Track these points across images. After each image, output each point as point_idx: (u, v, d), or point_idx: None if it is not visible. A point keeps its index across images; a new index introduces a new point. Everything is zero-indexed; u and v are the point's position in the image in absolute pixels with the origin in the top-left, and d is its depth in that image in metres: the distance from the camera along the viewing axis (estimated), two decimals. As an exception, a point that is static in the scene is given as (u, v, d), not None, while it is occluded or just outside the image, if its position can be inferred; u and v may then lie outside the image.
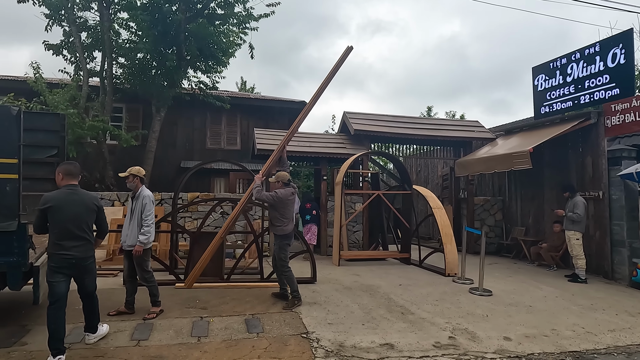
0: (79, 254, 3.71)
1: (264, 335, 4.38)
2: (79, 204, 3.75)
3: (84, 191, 3.90)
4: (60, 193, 3.73)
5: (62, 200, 3.68)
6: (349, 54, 6.53)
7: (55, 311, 3.59)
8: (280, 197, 5.46)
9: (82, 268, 3.78)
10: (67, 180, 3.81)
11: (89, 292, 3.95)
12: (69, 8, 11.18)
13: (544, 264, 8.77)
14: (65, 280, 3.70)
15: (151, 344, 4.08)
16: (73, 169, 3.89)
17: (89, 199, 3.87)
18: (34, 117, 5.75)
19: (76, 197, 3.78)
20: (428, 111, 24.70)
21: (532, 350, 4.13)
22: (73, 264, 3.69)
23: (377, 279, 7.24)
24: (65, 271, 3.69)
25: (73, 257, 3.67)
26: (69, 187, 3.79)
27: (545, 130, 9.02)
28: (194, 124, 14.55)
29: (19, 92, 10.95)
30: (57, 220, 3.65)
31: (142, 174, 5.12)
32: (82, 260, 3.75)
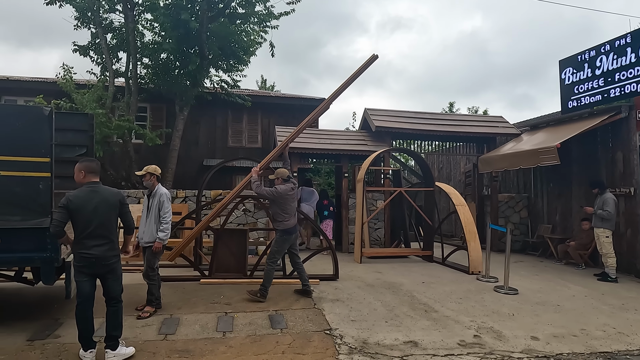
0: (99, 252, 3.58)
1: (287, 331, 4.42)
2: (100, 201, 3.62)
3: (105, 187, 3.79)
4: (81, 191, 3.64)
5: (83, 198, 3.59)
6: (373, 62, 6.47)
7: (81, 313, 3.57)
8: (280, 193, 5.55)
9: (103, 267, 3.63)
10: (89, 178, 3.70)
11: (111, 296, 3.73)
12: (95, 10, 11.46)
13: (571, 263, 8.55)
14: (87, 280, 3.61)
15: (178, 338, 4.17)
16: (95, 165, 3.79)
17: (111, 196, 3.74)
18: (64, 117, 5.96)
19: (97, 194, 3.66)
20: (450, 107, 24.35)
21: (560, 350, 4.04)
22: (93, 263, 3.58)
23: (400, 276, 7.20)
24: (86, 270, 3.60)
25: (93, 256, 3.56)
26: (89, 185, 3.68)
27: (573, 125, 8.77)
28: (216, 123, 14.73)
29: (49, 93, 11.30)
30: (79, 219, 3.55)
31: (158, 172, 5.16)
32: (102, 259, 3.60)
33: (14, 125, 4.07)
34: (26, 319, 4.55)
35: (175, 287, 5.99)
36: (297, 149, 9.79)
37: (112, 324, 3.70)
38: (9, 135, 4.03)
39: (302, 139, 10.09)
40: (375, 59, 6.47)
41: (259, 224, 9.33)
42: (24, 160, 4.02)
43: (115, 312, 3.72)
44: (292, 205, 5.68)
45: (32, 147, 4.09)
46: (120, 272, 3.81)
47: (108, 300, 3.73)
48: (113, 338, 3.66)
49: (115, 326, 3.70)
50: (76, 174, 3.72)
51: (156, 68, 12.36)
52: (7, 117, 4.11)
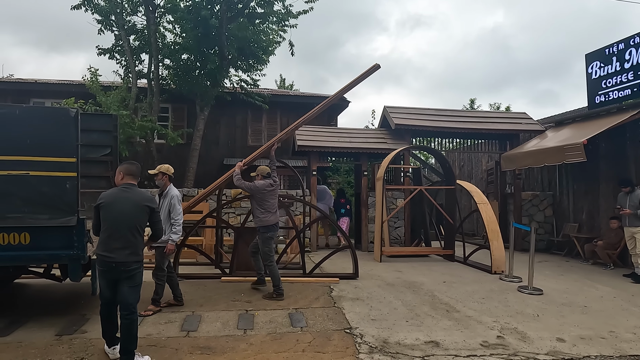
0: (120, 257, 3.39)
1: (307, 329, 4.43)
2: (128, 203, 3.50)
3: (138, 190, 3.67)
4: (113, 190, 3.61)
5: (112, 198, 3.52)
6: (375, 71, 6.60)
7: (105, 314, 3.55)
8: (257, 187, 5.70)
9: (123, 273, 3.42)
10: (126, 180, 3.64)
11: (125, 303, 3.44)
12: (118, 13, 11.72)
13: (599, 263, 8.29)
14: (108, 284, 3.48)
15: (200, 335, 4.23)
16: (134, 168, 3.71)
17: (141, 199, 3.58)
18: (89, 118, 6.13)
19: (128, 195, 3.55)
20: (471, 104, 23.94)
21: (588, 352, 3.92)
22: (113, 268, 3.40)
23: (420, 275, 7.13)
24: (107, 275, 3.46)
25: (113, 260, 3.38)
26: (124, 186, 3.61)
27: (600, 120, 8.50)
28: (236, 122, 14.87)
29: (75, 95, 11.59)
30: (105, 219, 3.47)
31: (171, 172, 5.16)
32: (122, 265, 3.40)
33: (41, 127, 4.19)
34: (55, 315, 4.69)
35: (197, 285, 6.08)
36: (315, 148, 9.80)
37: (126, 337, 3.43)
38: (37, 136, 4.15)
39: (320, 138, 10.10)
40: (377, 68, 6.61)
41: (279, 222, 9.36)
42: (51, 161, 4.13)
43: (129, 325, 3.43)
44: (270, 202, 5.76)
45: (59, 147, 4.20)
46: (139, 280, 3.57)
47: (121, 308, 3.46)
48: (128, 352, 3.42)
49: (130, 340, 3.45)
50: (116, 175, 3.72)
51: (177, 69, 12.56)
52: (35, 119, 4.24)
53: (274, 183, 5.86)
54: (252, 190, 5.72)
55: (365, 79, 6.61)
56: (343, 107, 16.17)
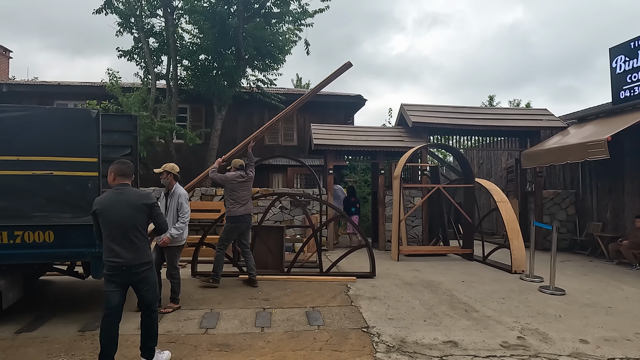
0: (128, 260, 3.28)
1: (324, 328, 4.43)
2: (124, 205, 3.34)
3: (132, 190, 3.49)
4: (107, 194, 3.44)
5: (107, 202, 3.36)
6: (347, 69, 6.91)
7: (107, 325, 3.28)
8: (227, 178, 5.94)
9: (134, 276, 3.35)
10: (118, 180, 3.46)
11: (145, 304, 3.47)
12: (138, 16, 11.94)
13: (624, 263, 8.06)
14: (118, 290, 3.32)
15: (218, 332, 4.28)
16: (125, 168, 3.51)
17: (137, 198, 3.41)
18: (109, 119, 6.24)
19: (122, 197, 3.37)
20: (490, 101, 23.54)
21: (612, 354, 3.81)
22: (123, 271, 3.29)
23: (438, 274, 7.05)
24: (116, 279, 3.31)
25: (122, 264, 3.27)
26: (116, 188, 3.43)
27: (625, 116, 8.25)
28: (253, 121, 14.96)
29: (96, 97, 11.89)
30: (105, 225, 3.32)
31: (176, 170, 5.17)
32: (133, 267, 3.31)
33: (64, 128, 4.30)
34: (78, 311, 4.81)
35: (215, 283, 6.14)
36: (332, 147, 9.79)
37: (147, 334, 3.47)
38: (60, 137, 4.27)
39: (337, 137, 10.09)
40: (349, 66, 6.93)
41: (296, 221, 9.41)
42: (74, 161, 4.25)
43: (150, 323, 3.47)
44: (241, 193, 5.94)
45: (81, 148, 4.31)
46: (154, 280, 3.54)
47: (142, 308, 3.50)
48: (149, 349, 3.45)
49: (151, 337, 3.47)
50: (108, 176, 3.54)
51: (195, 69, 12.74)
52: (58, 120, 4.36)
53: (245, 175, 6.06)
54: (223, 181, 6.00)
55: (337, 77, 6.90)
56: (360, 106, 16.12)
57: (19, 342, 3.96)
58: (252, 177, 6.20)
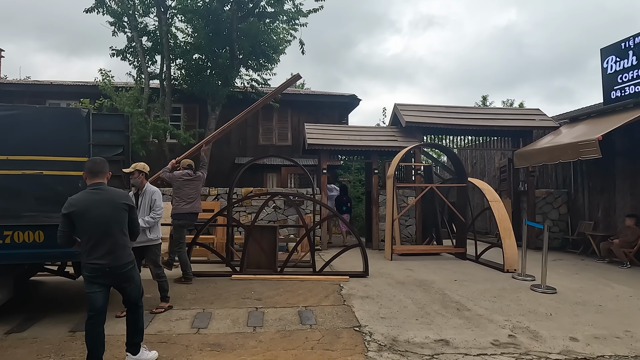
0: (112, 261, 3.22)
1: (317, 327, 4.43)
2: (104, 204, 3.24)
3: (110, 189, 3.38)
4: (83, 194, 3.29)
5: (85, 202, 3.22)
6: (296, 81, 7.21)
7: (92, 327, 3.21)
8: (174, 176, 6.16)
9: (119, 276, 3.30)
10: (92, 180, 3.34)
11: (131, 301, 3.48)
12: (131, 15, 11.87)
13: (615, 261, 8.13)
14: (101, 291, 3.24)
15: (210, 332, 4.27)
16: (96, 166, 3.38)
17: (117, 197, 3.33)
18: (101, 118, 6.20)
19: (100, 196, 3.26)
20: (483, 100, 23.64)
21: (602, 352, 3.84)
22: (107, 272, 3.22)
23: (431, 273, 7.08)
24: (100, 281, 3.23)
25: (106, 266, 3.20)
26: (92, 187, 3.31)
27: (616, 116, 8.33)
28: (247, 121, 14.86)
29: (89, 96, 11.84)
30: (84, 226, 3.19)
31: (147, 169, 5.16)
32: (117, 268, 3.25)
33: (54, 127, 4.28)
34: (69, 311, 4.78)
35: (208, 283, 6.14)
36: (325, 146, 9.80)
37: (134, 330, 3.48)
38: (50, 136, 4.25)
39: (330, 136, 10.09)
40: (298, 78, 7.23)
41: (290, 220, 9.41)
42: (64, 160, 4.22)
43: (136, 319, 3.49)
44: (186, 191, 6.12)
45: (72, 147, 4.29)
46: (138, 278, 3.52)
47: (128, 306, 3.50)
48: (134, 344, 3.46)
49: (137, 332, 3.49)
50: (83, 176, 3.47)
51: (189, 69, 12.69)
52: (48, 119, 4.34)
53: (192, 174, 6.24)
54: (170, 179, 6.20)
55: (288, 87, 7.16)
56: (354, 106, 16.14)
57: (8, 343, 3.93)
58: (201, 177, 6.39)
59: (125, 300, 3.51)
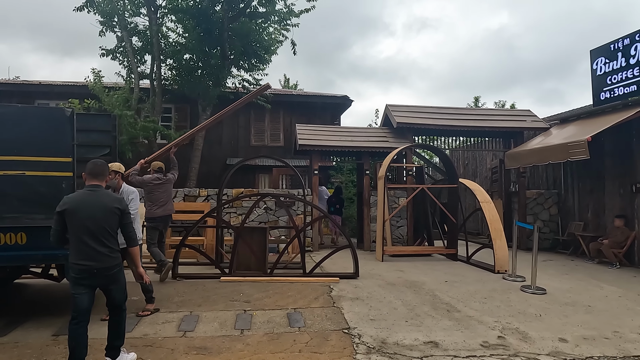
0: (100, 263, 3.22)
1: (305, 329, 4.38)
2: (96, 206, 3.26)
3: (105, 192, 3.45)
4: (78, 194, 3.36)
5: (78, 202, 3.26)
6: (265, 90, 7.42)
7: (76, 327, 3.20)
8: (144, 181, 6.13)
9: (105, 278, 3.30)
10: (90, 181, 3.40)
11: (115, 305, 3.44)
12: (121, 14, 11.76)
13: (605, 262, 8.16)
14: (87, 293, 3.24)
15: (196, 335, 4.20)
16: (97, 168, 3.44)
17: (110, 201, 3.36)
18: (87, 118, 6.12)
19: (94, 198, 3.30)
20: (475, 102, 23.76)
21: (591, 353, 3.84)
22: (94, 274, 3.23)
23: (422, 275, 7.06)
24: (85, 282, 3.23)
25: (93, 267, 3.20)
26: (88, 188, 3.36)
27: (605, 117, 8.38)
28: (239, 122, 14.87)
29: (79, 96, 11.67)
30: (73, 225, 3.22)
31: (123, 170, 5.10)
32: (104, 270, 3.26)
33: (37, 127, 4.19)
34: (52, 315, 4.68)
35: (196, 285, 6.06)
36: (317, 147, 9.75)
37: (116, 333, 3.44)
38: (32, 136, 4.15)
39: (322, 137, 10.06)
40: (267, 88, 7.43)
41: (281, 222, 9.35)
42: (47, 160, 4.13)
43: (118, 321, 3.45)
44: (157, 195, 6.14)
45: (55, 147, 4.20)
46: (123, 280, 3.49)
47: (111, 309, 3.47)
48: (115, 348, 3.42)
49: (119, 335, 3.45)
50: (83, 176, 3.52)
51: (179, 69, 12.58)
52: (31, 119, 4.24)
53: (162, 178, 6.26)
54: (141, 183, 6.17)
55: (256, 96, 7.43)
56: (346, 106, 16.13)
57: (-11, 347, 3.84)
58: (172, 179, 6.43)
59: (109, 303, 3.47)
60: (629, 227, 8.07)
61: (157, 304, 4.99)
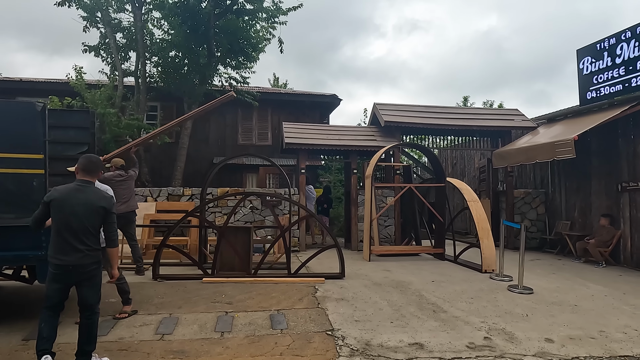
0: (77, 260, 3.18)
1: (288, 331, 4.26)
2: (81, 203, 3.22)
3: (94, 189, 3.39)
4: (66, 187, 3.30)
5: (64, 195, 3.23)
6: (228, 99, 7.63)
7: (47, 312, 3.23)
8: (105, 178, 6.18)
9: (81, 275, 3.24)
10: (81, 176, 3.37)
11: (86, 305, 3.30)
12: (104, 10, 11.50)
13: (591, 261, 8.17)
14: (60, 289, 3.24)
15: (175, 339, 4.06)
16: (90, 164, 3.41)
17: (96, 199, 3.30)
18: (65, 114, 5.94)
19: (82, 194, 3.26)
20: (464, 101, 23.83)
21: (577, 353, 3.78)
22: (70, 271, 3.19)
23: (409, 274, 6.98)
24: (62, 278, 3.22)
25: (69, 264, 3.17)
26: (78, 182, 3.33)
27: (591, 116, 8.39)
28: (226, 121, 14.67)
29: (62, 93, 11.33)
30: (56, 218, 3.21)
31: None
32: (80, 267, 3.21)
33: (5, 122, 4.00)
34: (23, 318, 4.49)
35: (177, 286, 5.89)
36: (304, 145, 9.63)
37: (85, 337, 3.29)
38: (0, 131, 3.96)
39: (309, 135, 9.94)
40: (231, 97, 7.64)
41: (267, 221, 9.20)
42: (16, 157, 3.95)
43: (89, 325, 3.30)
44: (119, 192, 6.14)
45: (25, 143, 4.01)
46: (99, 280, 3.38)
47: (82, 310, 3.30)
48: (86, 353, 3.28)
49: (89, 340, 3.30)
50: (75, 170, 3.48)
51: (165, 66, 12.35)
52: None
53: (124, 174, 6.40)
54: (103, 181, 6.13)
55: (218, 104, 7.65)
56: (335, 105, 16.03)
57: (-47, 353, 3.65)
58: (133, 176, 6.58)
59: (81, 302, 3.32)
60: (614, 226, 8.09)
61: (135, 306, 4.84)
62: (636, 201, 7.66)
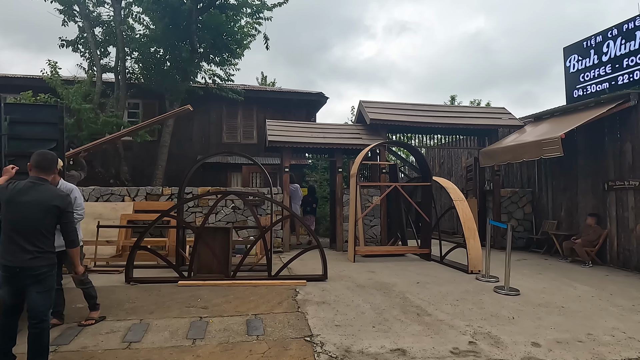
0: (25, 262, 2.96)
1: (264, 338, 4.04)
2: (33, 203, 3.03)
3: (48, 187, 3.19)
4: (19, 183, 3.11)
5: (15, 194, 3.04)
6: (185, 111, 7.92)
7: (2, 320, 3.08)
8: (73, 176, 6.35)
9: (29, 279, 3.00)
10: (34, 172, 3.17)
11: (33, 313, 3.02)
12: (82, 3, 11.13)
13: (577, 260, 8.09)
14: (12, 292, 3.04)
15: (142, 347, 3.80)
16: (43, 161, 3.21)
17: (49, 198, 3.10)
18: (32, 109, 5.63)
19: (34, 192, 3.07)
20: (452, 100, 23.81)
21: (564, 357, 3.63)
22: (17, 273, 2.97)
23: (394, 276, 6.80)
24: (11, 281, 3.01)
25: (17, 266, 2.96)
26: (31, 180, 3.13)
27: (578, 114, 8.31)
28: (210, 118, 14.38)
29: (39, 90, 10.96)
30: (5, 218, 3.02)
31: (60, 165, 4.55)
32: (29, 270, 2.98)
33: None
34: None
35: (151, 290, 5.62)
36: (287, 144, 9.40)
37: (35, 349, 3.02)
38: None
39: (293, 133, 9.72)
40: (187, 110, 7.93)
41: (249, 222, 8.95)
42: (-33, 153, 3.66)
43: (37, 336, 3.02)
44: None
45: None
46: (50, 284, 3.13)
47: (30, 317, 3.03)
48: None
49: (40, 352, 3.04)
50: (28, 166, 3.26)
51: (146, 62, 12.02)
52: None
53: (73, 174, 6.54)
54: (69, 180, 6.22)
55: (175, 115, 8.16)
56: (321, 104, 15.84)
57: None
58: (76, 176, 6.58)
59: (29, 309, 3.06)
60: (601, 225, 8.02)
61: (104, 312, 4.57)
62: (622, 200, 7.60)
